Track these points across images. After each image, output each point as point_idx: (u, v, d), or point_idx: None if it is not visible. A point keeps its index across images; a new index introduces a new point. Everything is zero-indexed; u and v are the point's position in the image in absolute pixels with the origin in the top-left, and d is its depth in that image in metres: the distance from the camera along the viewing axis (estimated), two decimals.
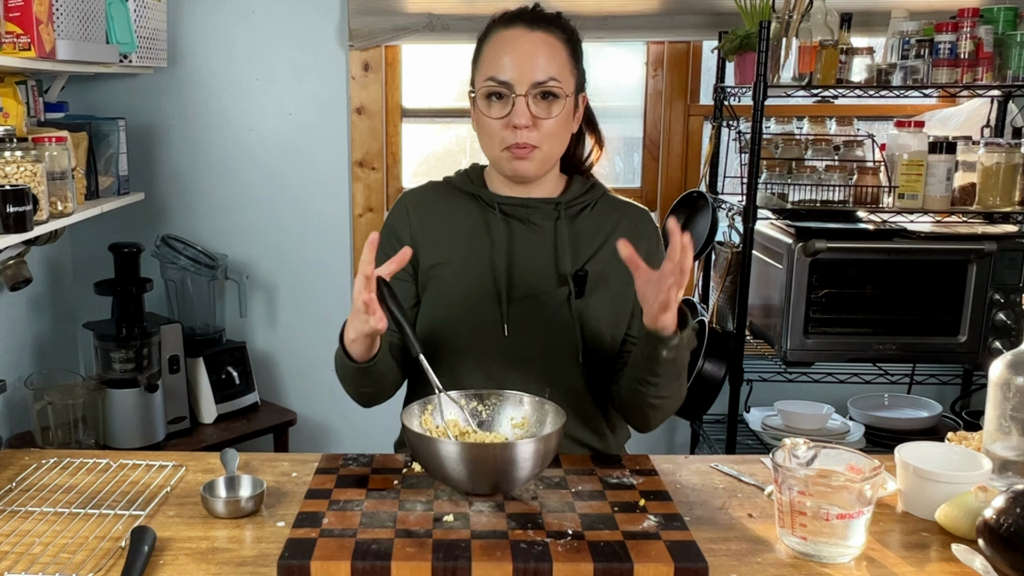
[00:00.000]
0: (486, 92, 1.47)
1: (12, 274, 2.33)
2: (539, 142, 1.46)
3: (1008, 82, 2.38)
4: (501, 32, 1.48)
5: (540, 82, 1.44)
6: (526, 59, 1.44)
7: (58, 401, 2.33)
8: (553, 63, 1.46)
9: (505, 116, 1.45)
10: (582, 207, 1.56)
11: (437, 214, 1.57)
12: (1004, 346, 2.40)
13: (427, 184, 1.64)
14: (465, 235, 1.54)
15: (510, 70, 1.44)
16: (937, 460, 1.35)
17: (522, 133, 1.45)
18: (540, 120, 1.45)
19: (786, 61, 2.43)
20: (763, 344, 2.59)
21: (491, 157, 1.53)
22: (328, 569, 1.12)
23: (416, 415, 1.38)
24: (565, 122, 1.49)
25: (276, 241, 2.89)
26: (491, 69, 1.46)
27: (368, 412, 2.13)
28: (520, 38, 1.46)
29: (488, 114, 1.47)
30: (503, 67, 1.45)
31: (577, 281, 1.51)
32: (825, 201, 2.46)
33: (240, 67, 2.79)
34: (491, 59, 1.47)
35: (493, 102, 1.47)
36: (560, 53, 1.47)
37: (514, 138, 1.45)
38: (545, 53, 1.45)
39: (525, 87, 1.44)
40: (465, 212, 1.56)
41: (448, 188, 1.60)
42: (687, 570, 1.12)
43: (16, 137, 1.89)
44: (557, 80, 1.45)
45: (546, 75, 1.44)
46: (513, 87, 1.44)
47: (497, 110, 1.46)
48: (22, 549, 1.20)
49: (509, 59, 1.45)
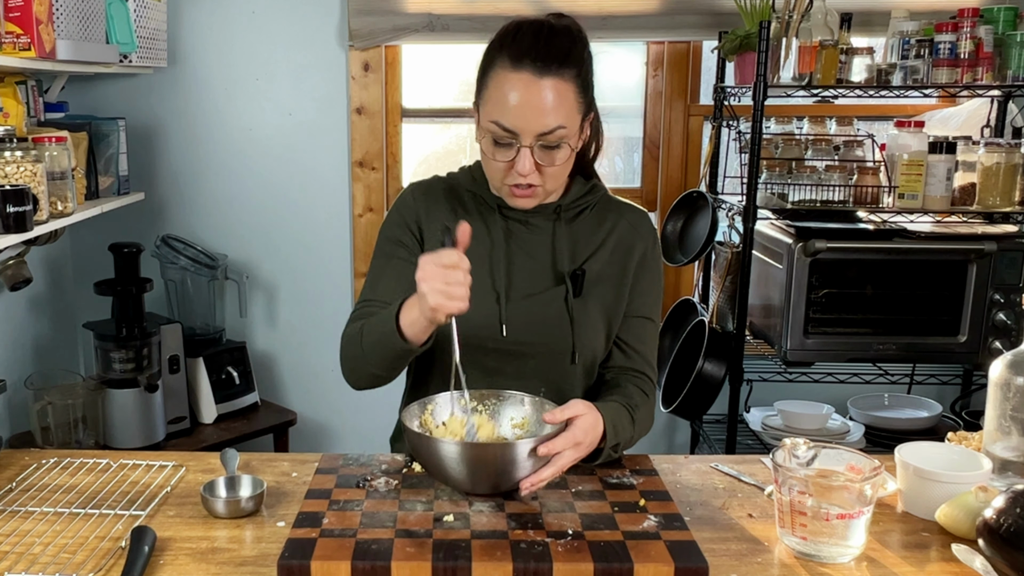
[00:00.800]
0: (491, 136, 1.42)
1: (12, 274, 2.33)
2: (541, 183, 1.44)
3: (1008, 82, 2.38)
4: (508, 74, 1.39)
5: (546, 132, 1.39)
6: (533, 111, 1.38)
7: (58, 401, 2.33)
8: (560, 110, 1.39)
9: (508, 161, 1.42)
10: (581, 209, 1.56)
11: (441, 207, 1.57)
12: (1004, 346, 2.40)
13: (432, 178, 1.63)
14: None
15: (516, 119, 1.38)
16: (937, 460, 1.36)
17: (525, 178, 1.42)
18: (544, 167, 1.42)
19: (786, 61, 2.43)
20: (763, 344, 2.59)
21: (494, 186, 1.51)
22: (328, 569, 1.12)
23: (416, 415, 1.38)
24: (569, 161, 1.46)
25: (276, 241, 2.89)
26: (496, 112, 1.40)
27: (368, 412, 2.14)
28: (528, 86, 1.38)
29: (492, 156, 1.43)
30: (508, 113, 1.39)
31: (575, 280, 1.51)
32: (825, 201, 2.46)
33: (240, 67, 2.79)
34: (496, 99, 1.40)
35: (497, 146, 1.42)
36: (568, 97, 1.40)
37: (516, 181, 1.43)
38: (553, 102, 1.38)
39: (530, 138, 1.39)
40: (467, 209, 1.56)
41: (450, 184, 1.60)
42: (687, 570, 1.13)
43: (16, 137, 1.89)
44: (564, 127, 1.40)
45: (554, 124, 1.39)
46: (519, 137, 1.39)
47: (501, 154, 1.42)
48: (22, 549, 1.20)
49: (515, 108, 1.38)
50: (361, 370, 1.46)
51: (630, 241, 1.55)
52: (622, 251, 1.54)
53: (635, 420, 1.46)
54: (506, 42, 1.41)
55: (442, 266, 1.25)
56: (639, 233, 1.57)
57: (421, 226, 1.55)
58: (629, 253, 1.54)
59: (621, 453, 1.46)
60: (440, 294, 1.25)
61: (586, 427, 1.32)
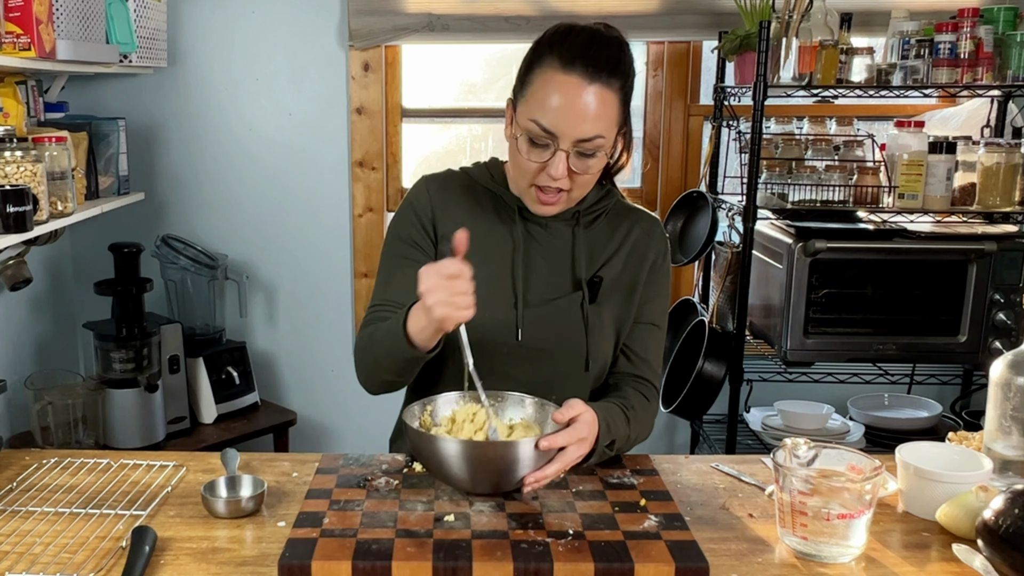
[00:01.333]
0: (527, 135, 1.40)
1: (12, 274, 2.33)
2: (569, 188, 1.43)
3: (1008, 82, 2.38)
4: (557, 75, 1.38)
5: (585, 140, 1.38)
6: (576, 115, 1.37)
7: (58, 401, 2.33)
8: (602, 120, 1.39)
9: (542, 163, 1.41)
10: (597, 214, 1.55)
11: (458, 204, 1.54)
12: (1004, 346, 2.40)
13: (447, 172, 1.59)
14: (485, 232, 1.51)
15: (557, 121, 1.37)
16: (937, 460, 1.36)
17: (556, 182, 1.41)
18: (576, 174, 1.42)
19: (786, 61, 2.43)
20: (763, 344, 2.59)
21: (518, 187, 1.49)
22: (329, 569, 1.12)
23: (417, 415, 1.38)
24: (598, 172, 1.46)
25: (276, 241, 2.89)
26: (537, 110, 1.39)
27: (368, 412, 2.14)
28: (575, 90, 1.37)
29: (526, 155, 1.42)
30: (549, 115, 1.37)
31: (591, 287, 1.51)
32: (825, 201, 2.46)
33: (240, 67, 2.79)
34: (540, 98, 1.39)
35: (533, 146, 1.41)
36: (611, 107, 1.40)
37: (545, 183, 1.42)
38: (597, 110, 1.38)
39: (568, 143, 1.38)
40: (485, 208, 1.54)
41: (469, 181, 1.57)
42: (688, 570, 1.13)
43: (16, 137, 1.89)
44: (603, 137, 1.39)
45: (593, 133, 1.38)
46: (557, 140, 1.38)
47: (536, 155, 1.41)
48: (23, 549, 1.20)
49: (558, 110, 1.37)
50: (375, 377, 1.46)
51: (643, 249, 1.55)
52: (636, 259, 1.54)
53: (630, 420, 1.46)
54: (557, 41, 1.40)
55: (445, 277, 1.24)
56: (652, 240, 1.57)
57: (436, 223, 1.53)
58: (642, 261, 1.55)
59: (616, 453, 1.46)
60: (446, 306, 1.24)
61: (589, 423, 1.33)
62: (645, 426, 1.52)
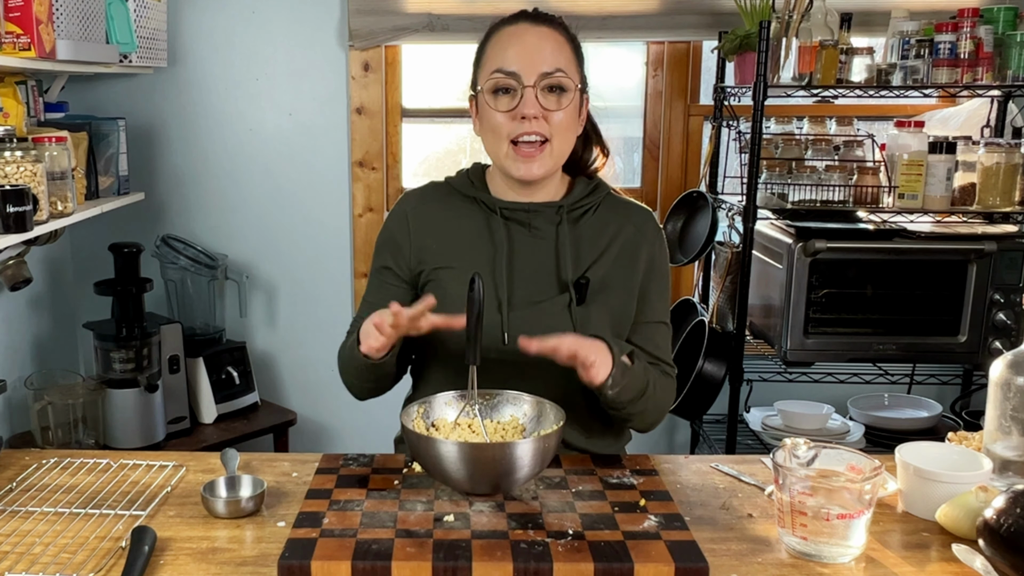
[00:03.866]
0: (493, 85, 1.45)
1: (12, 274, 2.33)
2: (549, 134, 1.45)
3: (1008, 82, 2.38)
4: (505, 28, 1.48)
5: (548, 73, 1.44)
6: (533, 51, 1.44)
7: (58, 401, 2.33)
8: (560, 56, 1.46)
9: (513, 108, 1.44)
10: (585, 210, 1.55)
11: (437, 218, 1.56)
12: (1004, 346, 2.40)
13: (428, 185, 1.62)
14: (466, 240, 1.53)
15: (517, 61, 1.44)
16: (937, 460, 1.35)
17: (531, 124, 1.43)
18: (550, 112, 1.44)
19: (786, 61, 2.43)
20: (763, 344, 2.59)
21: (497, 156, 1.50)
22: (328, 569, 1.12)
23: (415, 415, 1.38)
24: (574, 116, 1.48)
25: (276, 241, 2.89)
26: (497, 62, 1.46)
27: (368, 412, 2.13)
28: (526, 32, 1.46)
29: (495, 107, 1.46)
30: (509, 59, 1.44)
31: (578, 289, 1.50)
32: (825, 201, 2.46)
33: (240, 67, 2.79)
34: (496, 53, 1.47)
35: (500, 96, 1.45)
36: (565, 49, 1.48)
37: (521, 129, 1.44)
38: (551, 46, 1.46)
39: (533, 78, 1.43)
40: (466, 215, 1.55)
41: (449, 190, 1.59)
42: (687, 570, 1.13)
43: (16, 137, 1.89)
44: (564, 72, 1.45)
45: (553, 66, 1.44)
46: (521, 78, 1.43)
47: (504, 103, 1.45)
48: (23, 549, 1.20)
49: (515, 51, 1.45)
50: (353, 384, 1.56)
51: (635, 245, 1.54)
52: (628, 255, 1.53)
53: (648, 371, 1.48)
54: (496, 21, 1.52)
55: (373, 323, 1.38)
56: (645, 235, 1.56)
57: (413, 240, 1.56)
58: (635, 257, 1.54)
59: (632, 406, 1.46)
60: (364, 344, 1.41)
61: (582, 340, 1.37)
62: (667, 393, 1.54)
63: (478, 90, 1.50)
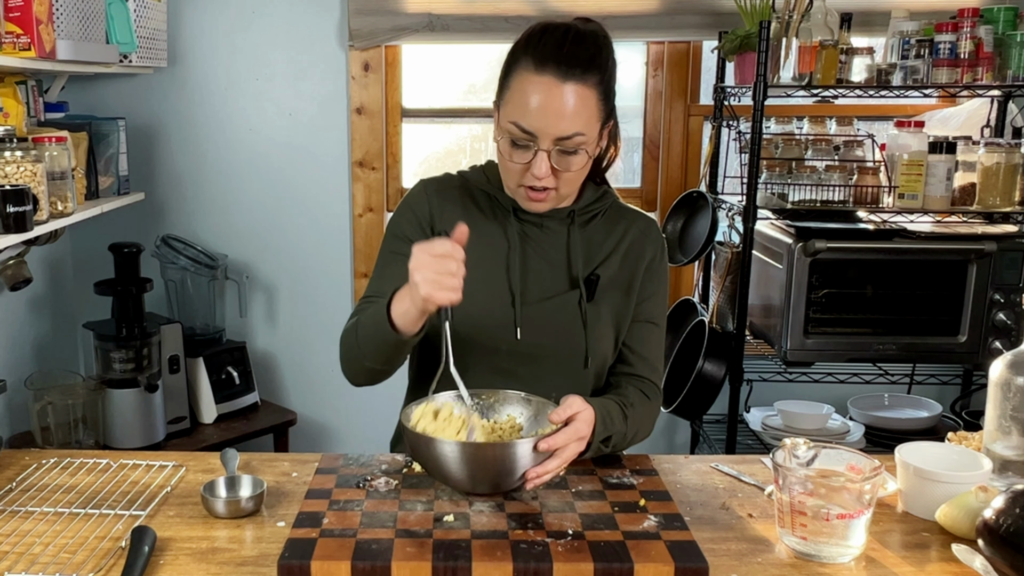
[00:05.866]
0: (509, 137, 1.42)
1: (12, 274, 2.33)
2: (555, 186, 1.44)
3: (1008, 82, 2.38)
4: (531, 76, 1.39)
5: (565, 137, 1.39)
6: (553, 114, 1.38)
7: (58, 401, 2.33)
8: (580, 117, 1.39)
9: (525, 164, 1.42)
10: (593, 214, 1.56)
11: (454, 206, 1.55)
12: (1004, 346, 2.40)
13: (444, 175, 1.61)
14: (481, 233, 1.52)
15: (535, 122, 1.38)
16: (937, 460, 1.35)
17: (540, 181, 1.42)
18: (559, 172, 1.42)
19: (786, 61, 2.43)
20: (763, 344, 2.59)
21: (507, 188, 1.50)
22: (328, 569, 1.12)
23: (411, 416, 1.37)
24: (585, 168, 1.46)
25: (276, 241, 2.89)
26: (516, 113, 1.40)
27: (368, 412, 2.14)
28: (550, 90, 1.37)
29: (509, 157, 1.43)
30: (528, 116, 1.38)
31: (588, 285, 1.51)
32: (825, 201, 2.46)
33: (240, 67, 2.79)
34: (517, 100, 1.40)
35: (515, 148, 1.42)
36: (590, 103, 1.40)
37: (531, 182, 1.43)
38: (574, 107, 1.38)
39: (548, 142, 1.39)
40: (481, 209, 1.55)
41: (464, 183, 1.58)
42: (687, 570, 1.12)
43: (16, 137, 1.89)
44: (583, 134, 1.40)
45: (572, 130, 1.38)
46: (537, 140, 1.39)
47: (518, 156, 1.42)
48: (22, 549, 1.20)
49: (535, 110, 1.38)
50: (356, 363, 1.45)
51: (640, 247, 1.56)
52: (633, 257, 1.55)
53: (628, 417, 1.46)
54: (531, 43, 1.40)
55: (434, 255, 1.25)
56: (649, 239, 1.57)
57: (433, 224, 1.54)
58: (639, 259, 1.55)
59: (613, 451, 1.46)
60: (431, 283, 1.24)
61: (588, 420, 1.33)
62: (645, 424, 1.52)
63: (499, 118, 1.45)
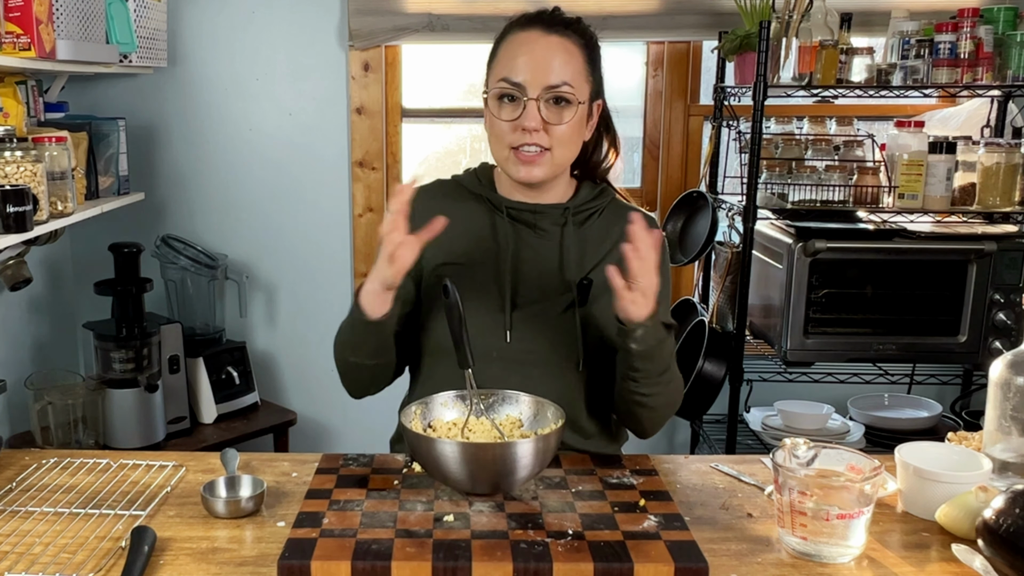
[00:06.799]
0: (498, 93, 1.46)
1: (12, 274, 2.33)
2: (549, 145, 1.45)
3: (1008, 82, 2.38)
4: (517, 34, 1.47)
5: (553, 86, 1.43)
6: (540, 62, 1.43)
7: (58, 401, 2.33)
8: (568, 68, 1.44)
9: (515, 119, 1.44)
10: (590, 213, 1.55)
11: (443, 210, 1.55)
12: (1004, 346, 2.40)
13: (435, 181, 1.63)
14: (472, 237, 1.53)
15: (523, 72, 1.43)
16: (937, 460, 1.35)
17: (532, 136, 1.44)
18: (551, 125, 1.44)
19: (786, 61, 2.43)
20: (763, 344, 2.59)
21: (499, 159, 1.51)
22: (328, 569, 1.12)
23: (414, 415, 1.38)
24: (577, 128, 1.48)
25: (276, 241, 2.89)
26: (504, 70, 1.45)
27: (368, 412, 2.13)
28: (536, 41, 1.45)
29: (499, 115, 1.46)
30: (516, 69, 1.44)
31: (581, 290, 1.50)
32: (825, 201, 2.46)
33: (240, 67, 2.79)
34: (505, 60, 1.46)
35: (504, 104, 1.45)
36: (576, 59, 1.46)
37: (523, 140, 1.44)
38: (560, 58, 1.44)
39: (537, 90, 1.43)
40: (472, 213, 1.55)
41: (456, 187, 1.59)
42: (687, 570, 1.12)
43: (16, 137, 1.89)
44: (570, 85, 1.44)
45: (560, 79, 1.43)
46: (525, 89, 1.43)
47: (508, 112, 1.45)
48: (22, 549, 1.20)
49: (523, 61, 1.44)
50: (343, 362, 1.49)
51: None
52: None
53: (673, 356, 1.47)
54: (514, 20, 1.49)
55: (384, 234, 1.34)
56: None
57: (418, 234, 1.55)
58: None
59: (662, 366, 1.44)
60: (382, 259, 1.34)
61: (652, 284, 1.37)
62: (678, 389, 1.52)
63: (486, 95, 1.50)
